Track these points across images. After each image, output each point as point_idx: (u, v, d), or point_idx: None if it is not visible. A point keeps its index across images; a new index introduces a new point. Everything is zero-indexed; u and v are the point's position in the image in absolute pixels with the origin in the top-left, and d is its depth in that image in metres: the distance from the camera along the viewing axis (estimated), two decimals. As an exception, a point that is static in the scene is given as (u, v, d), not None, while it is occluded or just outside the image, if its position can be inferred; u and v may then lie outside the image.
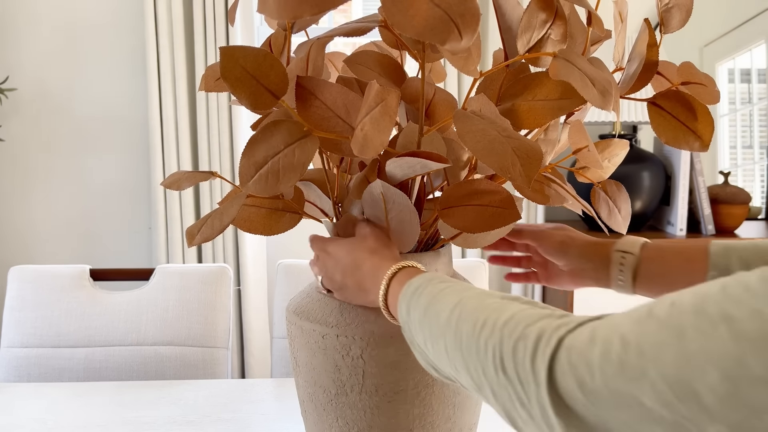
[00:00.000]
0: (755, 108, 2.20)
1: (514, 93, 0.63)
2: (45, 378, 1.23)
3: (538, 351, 0.39)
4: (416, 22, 0.48)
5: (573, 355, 0.37)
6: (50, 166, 2.09)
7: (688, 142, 0.62)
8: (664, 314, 0.33)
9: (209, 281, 1.29)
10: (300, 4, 0.50)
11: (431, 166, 0.56)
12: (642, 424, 0.33)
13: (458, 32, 0.49)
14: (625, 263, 0.68)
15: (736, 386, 0.29)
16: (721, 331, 0.30)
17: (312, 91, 0.59)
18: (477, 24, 0.49)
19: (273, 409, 1.01)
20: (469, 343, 0.45)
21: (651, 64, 0.62)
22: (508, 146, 0.53)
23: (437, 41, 0.48)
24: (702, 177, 1.90)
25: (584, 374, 0.36)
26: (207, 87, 0.66)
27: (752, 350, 0.29)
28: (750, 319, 0.29)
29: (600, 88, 0.53)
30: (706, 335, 0.31)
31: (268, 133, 0.56)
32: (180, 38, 1.93)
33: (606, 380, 0.34)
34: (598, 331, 0.37)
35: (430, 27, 0.48)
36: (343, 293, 0.65)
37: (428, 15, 0.48)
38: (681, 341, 0.32)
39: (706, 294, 0.32)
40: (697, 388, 0.30)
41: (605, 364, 0.35)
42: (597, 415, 0.35)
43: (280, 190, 0.55)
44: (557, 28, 0.61)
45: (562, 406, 0.37)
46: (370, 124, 0.55)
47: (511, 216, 0.61)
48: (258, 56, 0.54)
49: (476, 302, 0.48)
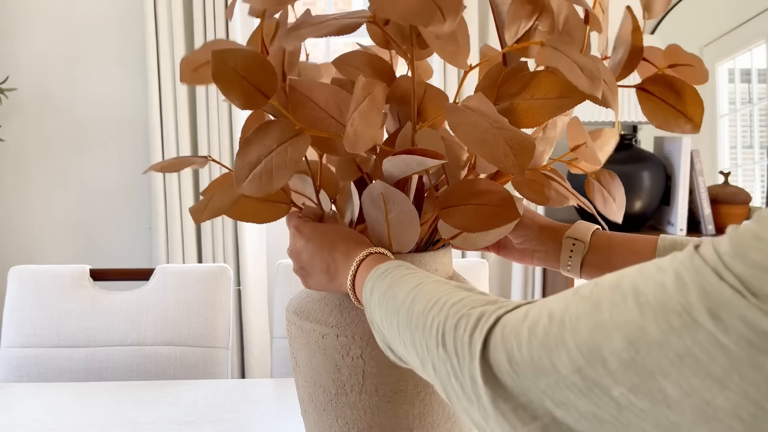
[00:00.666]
0: (755, 108, 2.20)
1: (513, 92, 0.63)
2: (45, 378, 1.23)
3: (477, 327, 0.42)
4: (399, 5, 0.49)
5: (506, 330, 0.40)
6: (50, 166, 2.09)
7: (679, 125, 0.63)
8: (587, 292, 0.36)
9: (209, 281, 1.29)
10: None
11: (428, 163, 0.56)
12: (557, 391, 0.35)
13: (441, 14, 0.50)
14: (574, 250, 0.72)
15: (637, 350, 0.32)
16: (629, 303, 0.33)
17: (304, 92, 0.59)
18: (459, 7, 0.50)
19: (273, 409, 1.01)
20: (418, 321, 0.48)
21: (636, 50, 0.63)
22: (500, 137, 0.53)
23: (420, 23, 0.49)
24: (702, 177, 1.90)
25: (513, 347, 0.38)
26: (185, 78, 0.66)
27: (653, 317, 0.31)
28: (653, 291, 0.32)
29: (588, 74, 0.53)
30: (617, 306, 0.33)
31: (261, 133, 0.57)
32: (180, 38, 1.93)
33: (530, 350, 0.37)
34: (531, 309, 0.39)
35: (413, 10, 0.49)
36: (306, 274, 0.66)
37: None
38: (596, 312, 0.34)
39: (625, 274, 0.35)
40: (604, 354, 0.33)
41: (532, 336, 0.37)
42: (520, 384, 0.38)
43: (274, 188, 0.56)
44: (544, 20, 0.61)
45: (490, 377, 0.39)
46: (360, 119, 0.56)
47: (510, 215, 0.61)
48: (248, 57, 0.55)
49: (433, 287, 0.50)
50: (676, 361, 0.30)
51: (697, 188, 1.89)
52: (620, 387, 0.32)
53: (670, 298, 0.31)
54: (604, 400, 0.33)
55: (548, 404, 0.36)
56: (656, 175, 1.85)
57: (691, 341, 0.30)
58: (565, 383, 0.35)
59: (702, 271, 0.30)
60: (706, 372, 0.29)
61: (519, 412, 0.38)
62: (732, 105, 2.24)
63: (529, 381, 0.37)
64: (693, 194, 1.91)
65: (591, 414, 0.34)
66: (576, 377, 0.34)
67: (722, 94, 2.20)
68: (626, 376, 0.32)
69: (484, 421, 0.41)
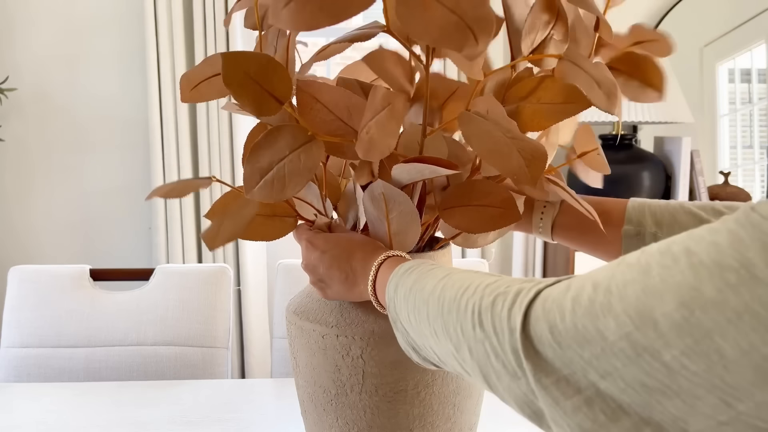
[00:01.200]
0: (755, 108, 2.20)
1: (520, 95, 0.63)
2: (45, 378, 1.22)
3: (516, 302, 0.41)
4: (432, 29, 0.48)
5: (548, 302, 0.38)
6: (50, 166, 2.09)
7: (646, 95, 0.65)
8: (634, 259, 0.36)
9: (209, 281, 1.29)
10: (314, 15, 0.48)
11: (440, 172, 0.55)
12: (603, 360, 0.34)
13: (474, 38, 0.48)
14: (545, 212, 0.73)
15: (691, 311, 0.31)
16: (681, 264, 0.32)
17: (313, 94, 0.58)
18: (492, 29, 0.49)
19: (273, 409, 1.01)
20: (451, 306, 0.47)
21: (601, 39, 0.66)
22: (513, 147, 0.53)
23: (454, 48, 0.48)
24: (702, 177, 1.90)
25: (556, 318, 0.37)
26: (184, 98, 0.64)
27: (707, 276, 0.31)
28: (707, 250, 0.31)
29: (606, 90, 0.53)
30: (668, 269, 0.33)
31: (272, 138, 0.56)
32: (180, 38, 1.93)
33: (575, 320, 0.36)
34: (573, 281, 0.39)
35: (446, 34, 0.48)
36: (324, 286, 0.65)
37: (443, 22, 0.48)
38: (645, 277, 0.34)
39: (673, 240, 0.34)
40: (655, 317, 0.32)
41: (576, 306, 0.36)
42: (563, 356, 0.37)
43: (287, 196, 0.55)
44: (559, 29, 0.61)
45: (531, 351, 0.38)
46: (376, 128, 0.55)
47: (511, 216, 0.61)
48: (261, 61, 0.53)
49: (462, 275, 0.49)
50: (733, 318, 0.29)
51: (697, 188, 1.89)
52: (672, 350, 0.31)
53: (725, 256, 0.30)
54: (654, 366, 0.32)
55: (592, 376, 0.35)
56: (656, 175, 1.85)
57: (750, 297, 0.29)
58: (612, 351, 0.34)
59: (762, 227, 0.30)
60: (766, 327, 0.29)
61: (561, 385, 0.37)
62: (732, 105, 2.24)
63: (572, 352, 0.36)
64: (693, 194, 1.91)
65: (638, 382, 0.33)
66: (624, 343, 0.33)
67: (722, 94, 2.20)
68: (679, 338, 0.31)
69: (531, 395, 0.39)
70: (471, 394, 0.69)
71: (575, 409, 0.36)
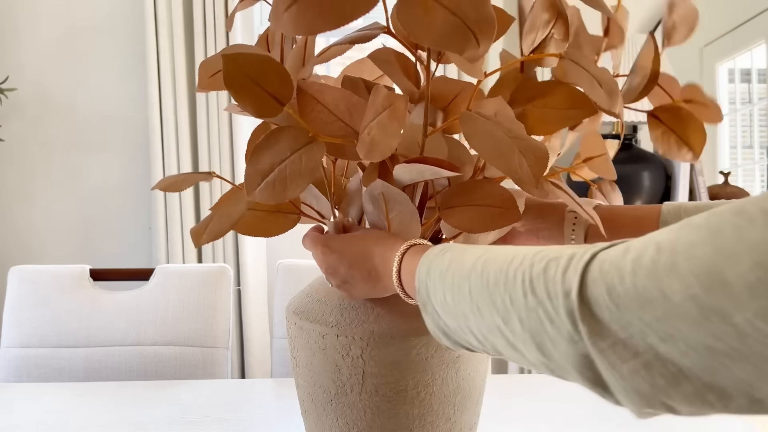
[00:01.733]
0: (755, 108, 2.20)
1: (527, 98, 0.63)
2: (45, 378, 1.22)
3: (570, 265, 0.39)
4: (433, 31, 0.48)
5: (606, 264, 0.37)
6: (50, 167, 2.09)
7: (681, 154, 0.66)
8: (702, 220, 0.34)
9: (209, 281, 1.29)
10: (316, 19, 0.48)
11: (442, 174, 0.55)
12: (665, 322, 0.33)
13: (475, 40, 0.48)
14: (577, 222, 0.72)
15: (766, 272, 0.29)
16: (758, 224, 0.30)
17: (313, 95, 0.58)
18: (493, 30, 0.48)
19: (273, 409, 1.01)
20: (498, 278, 0.45)
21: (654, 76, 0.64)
22: (515, 147, 0.53)
23: (455, 50, 0.48)
24: (702, 177, 1.90)
25: (614, 279, 0.36)
26: (202, 85, 0.64)
27: None
28: None
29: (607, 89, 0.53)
30: (743, 229, 0.31)
31: (273, 139, 0.55)
32: (180, 38, 1.93)
33: (635, 281, 0.34)
34: (633, 243, 0.37)
35: (447, 36, 0.48)
36: (348, 287, 0.65)
37: (444, 24, 0.48)
38: (717, 237, 0.32)
39: (746, 200, 0.33)
40: (727, 277, 0.30)
41: (637, 267, 0.35)
42: (620, 319, 0.35)
43: (288, 197, 0.54)
44: (559, 28, 0.61)
45: (587, 313, 0.37)
46: (378, 129, 0.55)
47: (512, 216, 0.61)
48: (262, 62, 0.53)
49: (504, 249, 0.47)
50: None
51: (697, 188, 1.89)
52: (745, 312, 0.30)
53: None
54: (722, 329, 0.31)
55: (651, 339, 0.34)
56: (656, 175, 1.85)
57: None
58: (676, 312, 0.32)
59: None
60: None
61: (618, 348, 0.36)
62: (732, 105, 2.24)
63: (631, 314, 0.34)
64: (693, 194, 1.91)
65: (702, 345, 0.32)
66: (690, 305, 0.32)
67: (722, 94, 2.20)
68: (753, 299, 0.30)
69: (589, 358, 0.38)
70: (471, 394, 0.69)
71: (632, 373, 0.35)
